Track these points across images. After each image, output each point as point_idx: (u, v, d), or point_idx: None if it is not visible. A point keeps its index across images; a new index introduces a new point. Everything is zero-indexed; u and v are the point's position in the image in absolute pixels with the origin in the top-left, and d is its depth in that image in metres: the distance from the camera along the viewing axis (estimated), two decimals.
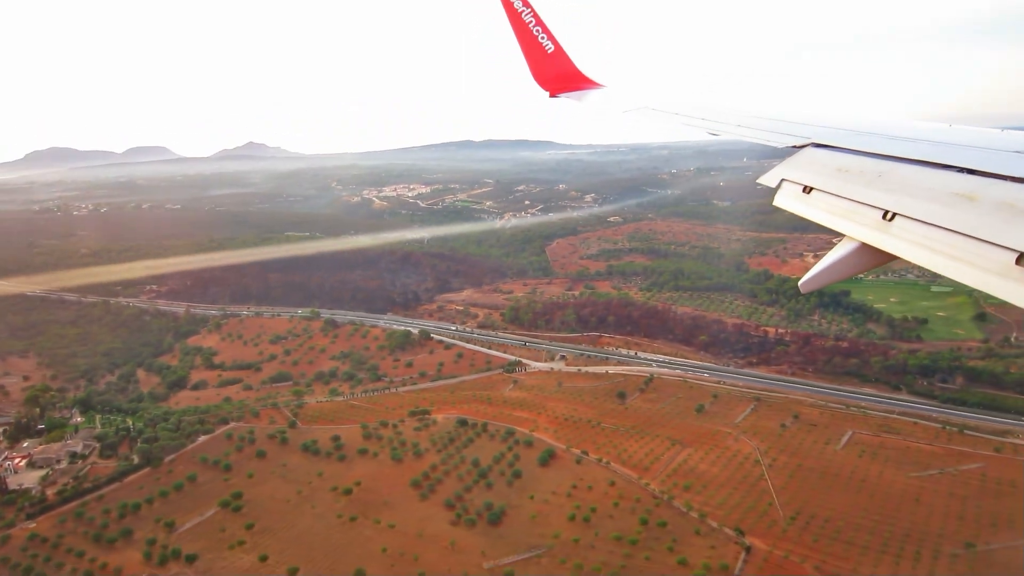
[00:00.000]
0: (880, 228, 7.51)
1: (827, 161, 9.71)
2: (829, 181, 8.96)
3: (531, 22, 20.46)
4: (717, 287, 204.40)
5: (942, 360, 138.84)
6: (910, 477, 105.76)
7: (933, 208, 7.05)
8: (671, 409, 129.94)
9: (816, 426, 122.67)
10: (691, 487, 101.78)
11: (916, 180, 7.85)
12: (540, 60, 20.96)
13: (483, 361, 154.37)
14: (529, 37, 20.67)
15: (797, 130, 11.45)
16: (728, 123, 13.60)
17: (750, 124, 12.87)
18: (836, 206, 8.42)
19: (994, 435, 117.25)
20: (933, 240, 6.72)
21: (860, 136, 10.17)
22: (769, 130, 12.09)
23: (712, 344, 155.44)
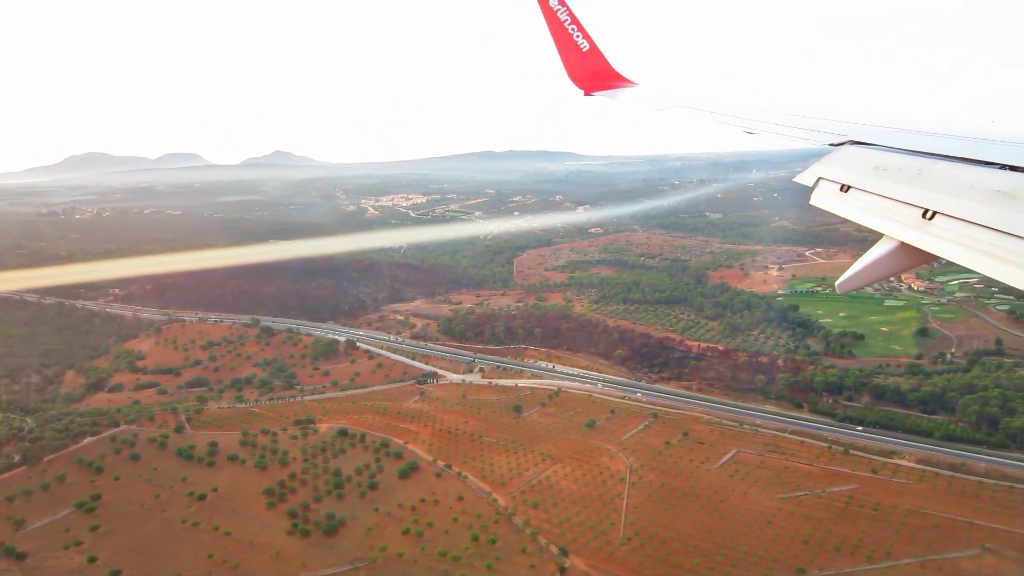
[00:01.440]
0: (920, 227, 7.38)
1: (865, 159, 9.67)
2: (867, 179, 8.93)
3: (566, 20, 20.74)
4: (668, 300, 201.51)
5: (848, 378, 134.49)
6: (775, 498, 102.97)
7: (974, 206, 6.92)
8: (563, 424, 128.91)
9: (703, 443, 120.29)
10: (540, 504, 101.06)
11: (956, 177, 7.76)
12: (575, 58, 21.22)
13: (400, 372, 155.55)
14: (564, 35, 20.91)
15: (834, 127, 11.35)
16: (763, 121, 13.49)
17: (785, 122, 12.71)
18: (874, 205, 8.38)
19: (880, 455, 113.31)
20: (974, 239, 6.61)
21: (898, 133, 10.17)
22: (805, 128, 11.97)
23: (629, 358, 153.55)
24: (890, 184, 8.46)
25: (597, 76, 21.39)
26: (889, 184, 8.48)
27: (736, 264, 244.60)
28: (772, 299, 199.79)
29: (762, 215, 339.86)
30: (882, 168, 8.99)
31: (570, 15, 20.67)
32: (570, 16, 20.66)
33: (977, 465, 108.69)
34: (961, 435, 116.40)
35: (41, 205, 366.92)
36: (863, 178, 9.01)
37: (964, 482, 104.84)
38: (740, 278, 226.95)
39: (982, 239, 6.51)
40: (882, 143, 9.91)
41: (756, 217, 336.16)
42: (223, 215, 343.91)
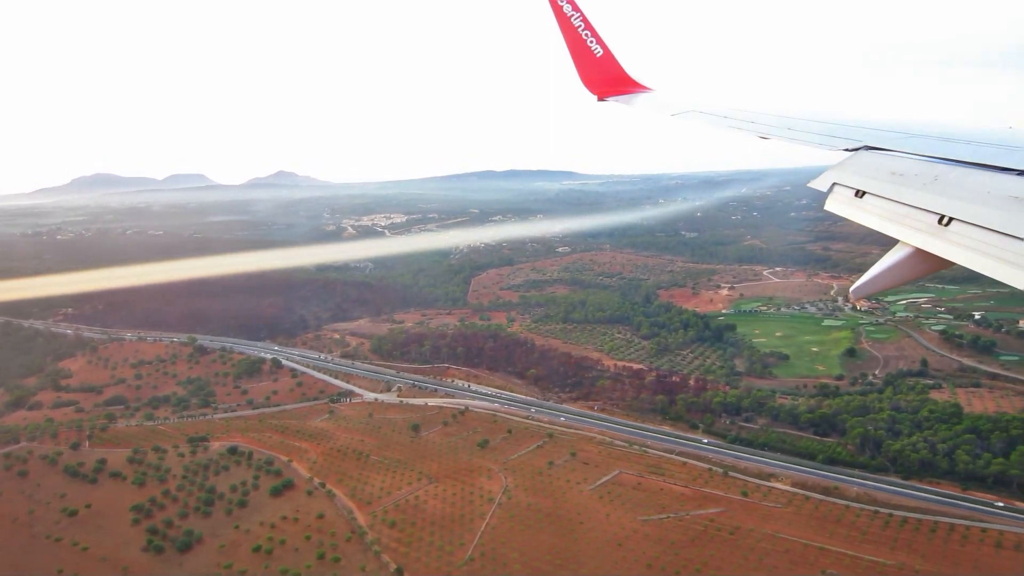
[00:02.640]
0: (936, 233, 7.34)
1: (880, 165, 9.61)
2: (882, 185, 8.87)
3: (580, 26, 20.82)
4: (610, 320, 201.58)
5: (746, 399, 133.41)
6: (636, 520, 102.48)
7: (991, 212, 6.86)
8: (456, 443, 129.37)
9: (587, 464, 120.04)
10: (397, 523, 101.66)
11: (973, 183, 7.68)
12: (588, 63, 21.29)
13: (317, 391, 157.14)
14: (578, 40, 21.02)
15: (848, 133, 11.35)
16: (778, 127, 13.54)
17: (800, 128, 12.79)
18: (890, 211, 8.34)
19: (757, 478, 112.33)
20: (991, 245, 6.54)
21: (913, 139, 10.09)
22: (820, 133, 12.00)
23: (543, 378, 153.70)
24: (906, 190, 8.40)
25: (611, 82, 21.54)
26: (905, 190, 8.42)
27: (690, 283, 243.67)
28: (713, 318, 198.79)
29: (736, 234, 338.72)
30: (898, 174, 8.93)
31: (584, 21, 20.87)
32: (584, 22, 20.85)
33: (850, 489, 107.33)
34: (844, 458, 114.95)
35: (32, 226, 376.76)
36: (878, 184, 8.98)
37: (831, 506, 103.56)
38: (689, 297, 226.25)
39: (999, 245, 6.44)
40: (898, 149, 9.85)
41: (729, 236, 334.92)
42: (204, 235, 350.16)
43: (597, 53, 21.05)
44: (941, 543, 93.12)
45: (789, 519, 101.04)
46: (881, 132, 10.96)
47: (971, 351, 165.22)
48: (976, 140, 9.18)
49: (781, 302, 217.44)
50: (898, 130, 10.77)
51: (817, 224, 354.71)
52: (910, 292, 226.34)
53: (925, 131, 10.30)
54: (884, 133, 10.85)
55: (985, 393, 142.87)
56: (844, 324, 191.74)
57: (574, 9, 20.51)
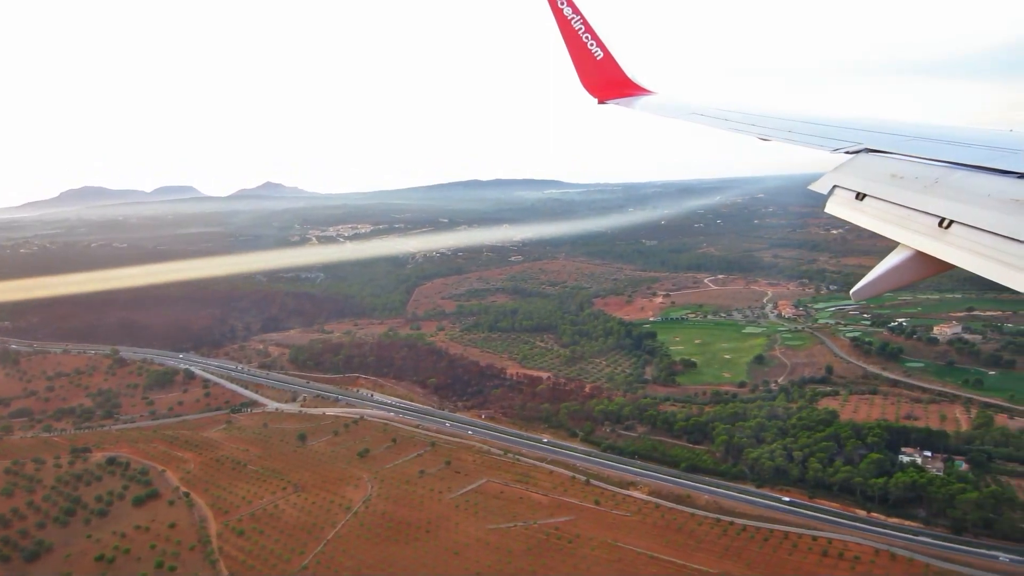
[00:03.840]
0: (936, 236, 7.33)
1: (880, 167, 9.59)
2: (883, 187, 8.87)
3: (580, 29, 20.70)
4: (536, 328, 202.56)
5: (627, 408, 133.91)
6: (485, 529, 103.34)
7: (992, 215, 6.85)
8: (339, 453, 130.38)
9: (458, 473, 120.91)
10: (246, 532, 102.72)
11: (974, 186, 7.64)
12: (589, 66, 21.24)
13: (223, 401, 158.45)
14: (578, 43, 20.91)
15: (849, 136, 11.33)
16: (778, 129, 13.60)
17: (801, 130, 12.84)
18: (890, 213, 8.32)
19: (618, 486, 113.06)
20: (992, 248, 6.54)
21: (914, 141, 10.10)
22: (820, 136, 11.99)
23: (444, 387, 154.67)
24: (906, 192, 8.39)
25: (611, 84, 21.46)
26: (905, 192, 8.41)
27: (628, 291, 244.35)
28: (638, 326, 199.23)
29: (694, 242, 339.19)
30: (898, 176, 8.92)
31: (584, 24, 20.76)
32: (584, 25, 20.75)
33: (701, 497, 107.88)
34: (707, 466, 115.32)
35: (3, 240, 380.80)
36: (879, 186, 8.98)
37: (678, 515, 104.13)
38: (622, 305, 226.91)
39: (1000, 248, 6.44)
40: (898, 151, 9.84)
41: (687, 244, 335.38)
42: (168, 247, 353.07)
43: (597, 56, 21.10)
44: (770, 551, 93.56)
45: (632, 528, 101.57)
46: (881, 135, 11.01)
47: (879, 358, 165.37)
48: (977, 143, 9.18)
49: (710, 309, 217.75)
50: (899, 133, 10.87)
51: (775, 232, 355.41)
52: (842, 300, 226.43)
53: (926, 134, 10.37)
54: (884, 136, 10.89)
55: (877, 400, 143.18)
56: (763, 331, 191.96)
57: (574, 12, 20.56)
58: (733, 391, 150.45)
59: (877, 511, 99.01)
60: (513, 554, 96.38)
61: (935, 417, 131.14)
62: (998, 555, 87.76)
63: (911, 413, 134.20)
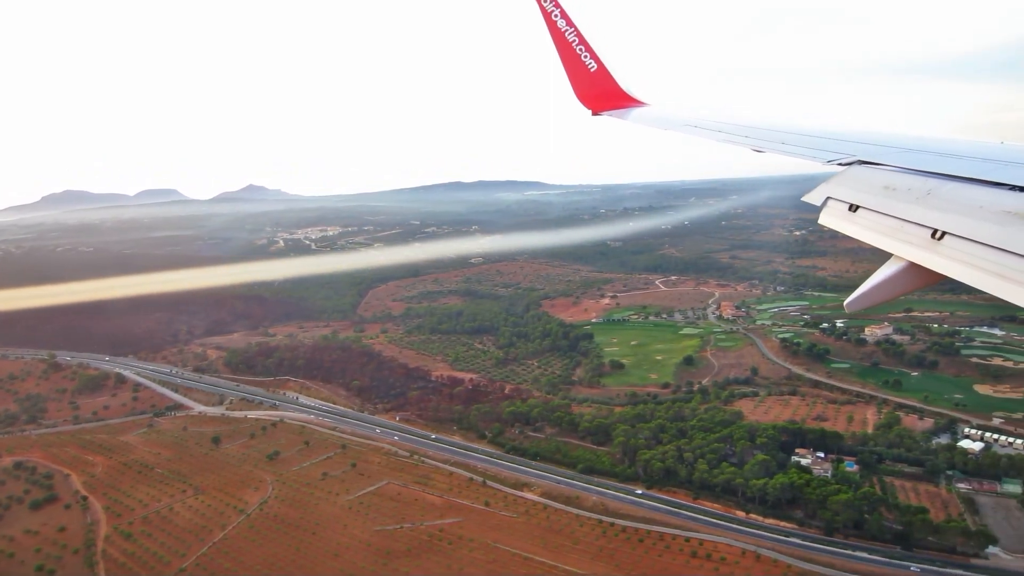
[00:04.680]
0: (929, 247, 7.36)
1: (873, 179, 9.61)
2: (876, 199, 8.89)
3: (574, 41, 20.68)
4: (477, 330, 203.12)
5: (535, 409, 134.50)
6: (372, 531, 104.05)
7: (984, 227, 6.88)
8: (251, 455, 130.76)
9: (362, 476, 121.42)
10: (134, 535, 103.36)
11: (966, 198, 7.65)
12: (583, 78, 21.26)
13: (149, 405, 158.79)
14: (572, 55, 20.90)
15: (842, 147, 11.37)
16: (771, 140, 13.67)
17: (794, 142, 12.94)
18: (883, 225, 8.34)
19: (513, 487, 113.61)
20: (984, 260, 6.58)
21: (907, 153, 10.10)
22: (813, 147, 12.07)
23: (367, 389, 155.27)
24: (899, 204, 8.41)
25: (605, 96, 21.49)
26: (898, 204, 8.43)
27: (578, 293, 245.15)
28: (578, 328, 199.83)
29: (657, 243, 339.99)
30: (891, 188, 8.94)
31: (578, 36, 20.72)
32: (578, 37, 20.72)
33: (590, 498, 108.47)
34: (603, 467, 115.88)
35: None
36: (872, 198, 8.98)
37: (564, 516, 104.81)
38: (568, 307, 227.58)
39: (992, 260, 6.48)
40: (891, 163, 9.83)
41: (651, 245, 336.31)
42: (133, 251, 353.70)
43: (591, 68, 21.10)
44: (642, 552, 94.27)
45: (515, 529, 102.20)
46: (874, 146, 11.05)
47: (806, 359, 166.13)
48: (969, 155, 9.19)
49: (654, 310, 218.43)
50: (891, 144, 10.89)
51: (739, 233, 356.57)
52: (787, 299, 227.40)
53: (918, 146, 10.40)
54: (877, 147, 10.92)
55: (794, 401, 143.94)
56: (700, 332, 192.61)
57: (568, 24, 20.52)
58: (655, 392, 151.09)
59: (756, 512, 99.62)
60: (392, 555, 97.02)
61: (844, 418, 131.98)
62: (910, 565, 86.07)
63: (822, 414, 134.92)
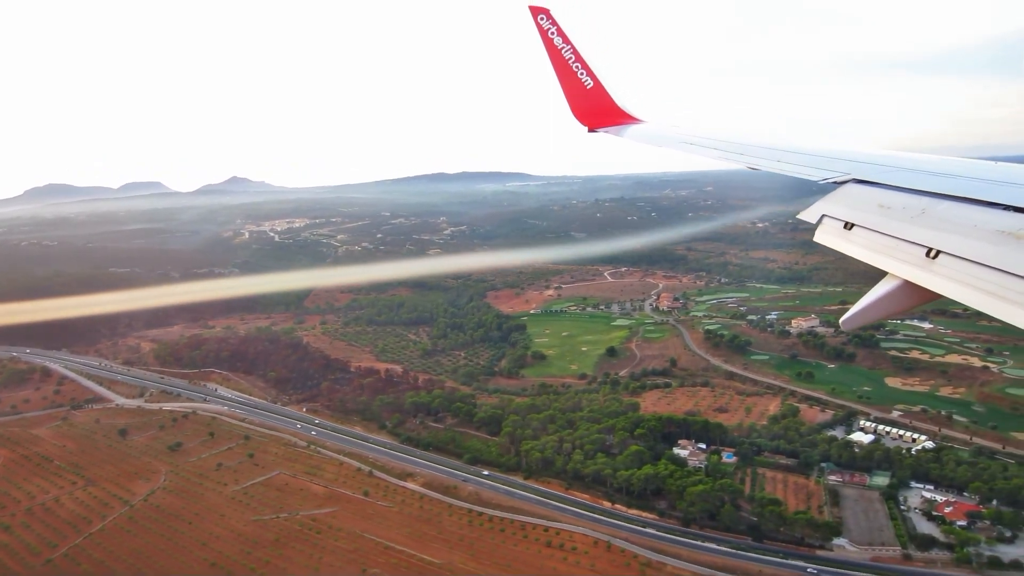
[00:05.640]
0: (923, 266, 7.41)
1: (868, 197, 9.69)
2: (871, 217, 8.96)
3: (570, 58, 20.71)
4: (415, 321, 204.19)
5: (435, 400, 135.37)
6: (248, 520, 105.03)
7: (978, 246, 6.93)
8: (154, 447, 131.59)
9: (256, 466, 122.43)
10: (12, 527, 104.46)
11: (960, 217, 7.73)
12: (578, 95, 21.33)
13: (69, 398, 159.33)
14: (568, 72, 20.94)
15: (836, 165, 11.49)
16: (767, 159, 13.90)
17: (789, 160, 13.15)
18: (878, 243, 8.40)
19: (398, 477, 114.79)
20: (978, 279, 6.62)
21: (902, 172, 10.18)
22: (808, 165, 12.21)
23: (284, 380, 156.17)
24: (894, 222, 8.46)
25: (601, 113, 21.54)
26: (893, 222, 8.48)
27: (525, 284, 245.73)
28: (514, 319, 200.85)
29: (616, 233, 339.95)
30: (886, 206, 9.00)
31: (574, 53, 20.74)
32: (574, 54, 20.74)
33: (466, 488, 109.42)
34: (490, 457, 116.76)
35: None
36: (867, 216, 9.06)
37: (437, 505, 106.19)
38: (511, 298, 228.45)
39: (986, 279, 6.52)
40: (885, 181, 9.88)
41: (611, 235, 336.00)
42: (97, 244, 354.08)
43: (587, 85, 21.16)
44: (500, 542, 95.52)
45: (387, 518, 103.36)
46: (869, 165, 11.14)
47: (727, 350, 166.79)
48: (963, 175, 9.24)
49: (594, 302, 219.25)
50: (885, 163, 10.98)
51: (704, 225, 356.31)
52: (729, 291, 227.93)
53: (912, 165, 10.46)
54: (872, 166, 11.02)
55: (703, 392, 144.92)
56: (631, 324, 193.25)
57: (564, 42, 20.53)
58: (570, 383, 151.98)
59: (622, 503, 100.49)
60: (258, 544, 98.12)
61: (743, 410, 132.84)
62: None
63: (724, 406, 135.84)
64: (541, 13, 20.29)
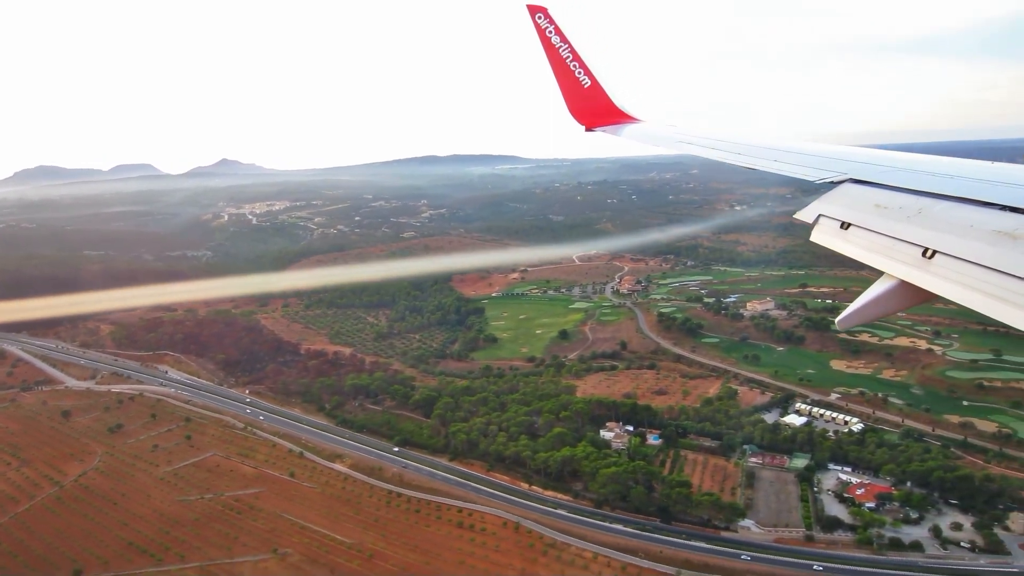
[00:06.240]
0: (920, 266, 7.43)
1: (865, 197, 9.71)
2: (867, 217, 8.98)
3: (568, 57, 20.62)
4: (377, 304, 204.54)
5: (375, 383, 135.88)
6: (174, 501, 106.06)
7: (974, 246, 6.94)
8: (96, 428, 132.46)
9: (192, 448, 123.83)
10: None
11: (957, 217, 7.74)
12: (576, 94, 21.25)
13: (20, 380, 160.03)
14: (566, 71, 20.85)
15: (833, 165, 11.49)
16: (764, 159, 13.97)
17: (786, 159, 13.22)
18: (874, 243, 8.42)
19: (327, 459, 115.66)
20: (974, 279, 6.64)
21: (898, 172, 10.21)
22: (805, 165, 12.23)
23: (232, 363, 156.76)
24: (890, 222, 8.47)
25: (599, 112, 21.52)
26: (889, 222, 8.49)
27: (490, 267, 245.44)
28: (475, 302, 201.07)
29: (597, 217, 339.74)
30: (882, 206, 9.02)
31: (572, 52, 20.60)
32: (572, 53, 20.60)
33: (391, 469, 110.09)
34: (420, 439, 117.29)
35: None
36: (863, 216, 9.07)
37: (360, 486, 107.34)
38: (475, 281, 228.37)
39: (983, 279, 6.54)
40: (882, 181, 9.90)
41: (590, 219, 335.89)
42: (76, 227, 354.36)
43: (585, 84, 21.05)
44: (413, 523, 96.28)
45: (309, 499, 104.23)
46: (865, 164, 11.15)
47: (679, 333, 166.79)
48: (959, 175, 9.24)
49: (556, 285, 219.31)
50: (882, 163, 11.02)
51: (682, 208, 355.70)
52: (694, 274, 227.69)
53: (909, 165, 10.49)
54: (868, 166, 11.03)
55: (648, 375, 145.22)
56: (588, 307, 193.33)
57: (562, 40, 20.39)
58: (517, 365, 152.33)
59: (540, 484, 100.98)
60: (178, 524, 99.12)
61: (681, 392, 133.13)
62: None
63: (665, 388, 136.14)
64: (539, 12, 20.16)
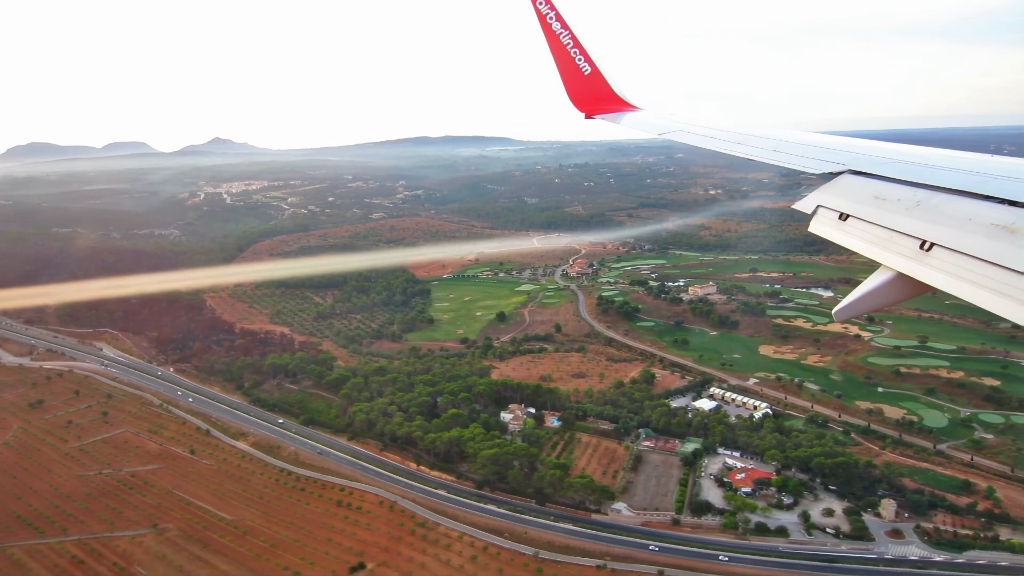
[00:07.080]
0: (918, 258, 7.42)
1: (864, 188, 9.70)
2: (866, 209, 8.96)
3: (568, 43, 20.39)
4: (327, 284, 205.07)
5: (294, 363, 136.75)
6: (74, 475, 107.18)
7: (972, 239, 6.93)
8: (16, 403, 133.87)
9: (106, 424, 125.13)
10: None
11: (955, 210, 7.70)
12: (576, 81, 21.11)
13: None
14: (566, 58, 20.68)
15: (833, 156, 11.52)
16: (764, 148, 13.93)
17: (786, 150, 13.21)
18: (873, 234, 8.40)
19: (232, 436, 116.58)
20: (972, 272, 6.63)
21: (897, 164, 10.16)
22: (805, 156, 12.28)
23: (163, 341, 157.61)
24: (888, 214, 8.46)
25: (598, 100, 21.37)
26: (888, 214, 8.48)
27: None
28: (424, 283, 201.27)
29: (569, 199, 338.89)
30: (881, 198, 8.98)
31: (573, 39, 20.37)
32: (572, 40, 20.37)
33: (289, 447, 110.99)
34: (326, 419, 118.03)
35: None
36: (862, 207, 9.05)
37: (255, 464, 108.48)
38: (429, 262, 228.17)
39: (980, 272, 6.52)
40: (881, 173, 9.85)
41: (562, 201, 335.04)
42: (51, 204, 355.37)
43: (585, 71, 20.83)
44: (295, 501, 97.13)
45: (203, 476, 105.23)
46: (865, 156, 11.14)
47: (615, 317, 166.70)
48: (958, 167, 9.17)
49: (510, 266, 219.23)
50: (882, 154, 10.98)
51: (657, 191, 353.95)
52: (649, 258, 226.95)
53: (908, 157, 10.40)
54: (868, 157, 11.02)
55: (573, 357, 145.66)
56: (533, 289, 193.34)
57: (563, 27, 20.16)
58: (449, 347, 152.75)
59: (428, 464, 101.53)
60: (70, 499, 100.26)
61: (597, 376, 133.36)
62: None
63: (584, 372, 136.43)
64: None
